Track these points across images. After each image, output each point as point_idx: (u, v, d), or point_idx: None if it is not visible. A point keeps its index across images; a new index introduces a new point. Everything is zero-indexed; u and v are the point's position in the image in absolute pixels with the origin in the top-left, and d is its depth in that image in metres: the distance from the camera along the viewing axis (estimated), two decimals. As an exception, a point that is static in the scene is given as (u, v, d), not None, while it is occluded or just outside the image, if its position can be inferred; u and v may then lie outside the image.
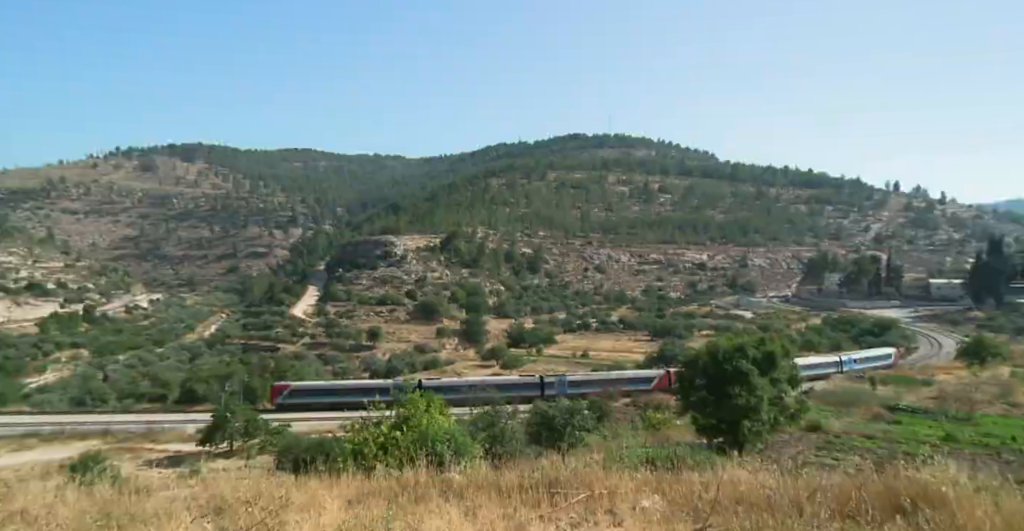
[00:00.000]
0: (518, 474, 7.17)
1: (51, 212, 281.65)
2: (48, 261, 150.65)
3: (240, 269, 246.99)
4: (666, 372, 50.62)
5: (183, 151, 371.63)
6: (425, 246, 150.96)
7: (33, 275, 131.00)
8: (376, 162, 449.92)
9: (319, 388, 47.26)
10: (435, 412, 13.51)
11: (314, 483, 7.40)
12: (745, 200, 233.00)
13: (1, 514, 5.51)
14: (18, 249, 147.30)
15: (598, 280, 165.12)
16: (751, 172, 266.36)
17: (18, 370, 72.53)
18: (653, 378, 50.34)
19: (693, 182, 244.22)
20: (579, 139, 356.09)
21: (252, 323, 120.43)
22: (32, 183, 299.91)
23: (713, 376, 21.27)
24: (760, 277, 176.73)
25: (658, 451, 12.86)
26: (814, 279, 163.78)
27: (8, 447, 34.32)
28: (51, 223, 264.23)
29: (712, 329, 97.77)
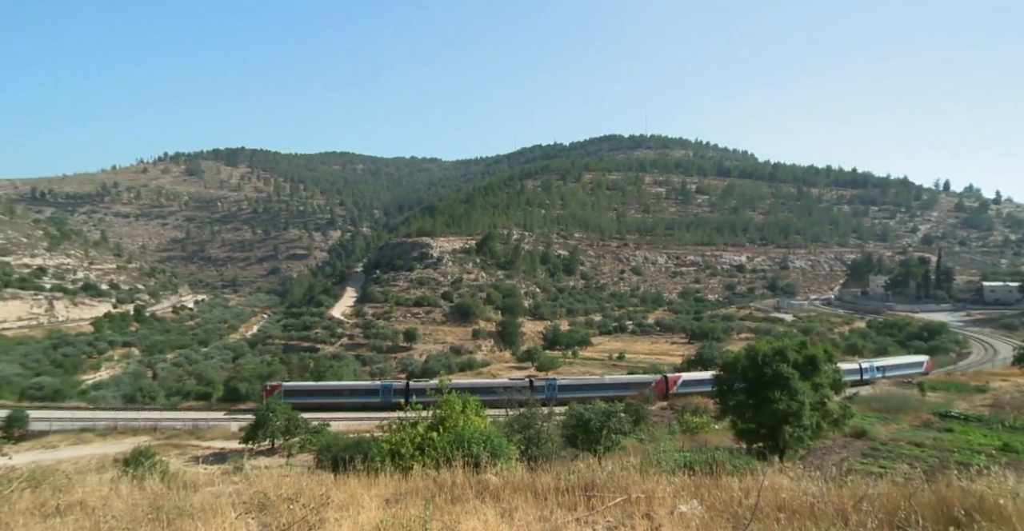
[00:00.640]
0: (554, 476, 7.15)
1: (105, 215, 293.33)
2: (102, 263, 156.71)
3: (281, 271, 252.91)
4: (662, 377, 50.03)
5: (227, 155, 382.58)
6: (461, 248, 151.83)
7: (88, 276, 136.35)
8: (412, 165, 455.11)
9: (310, 388, 48.07)
10: (471, 413, 13.59)
11: (353, 482, 7.51)
12: (786, 201, 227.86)
13: (63, 504, 5.74)
14: (75, 251, 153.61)
15: (634, 282, 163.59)
16: (792, 172, 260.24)
17: (75, 367, 75.68)
18: (649, 383, 49.21)
19: (731, 182, 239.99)
20: (615, 140, 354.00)
21: (292, 324, 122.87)
22: (88, 188, 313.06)
23: (752, 380, 20.82)
24: (801, 279, 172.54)
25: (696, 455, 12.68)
26: (858, 281, 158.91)
27: (68, 441, 35.97)
28: (105, 226, 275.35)
29: (751, 332, 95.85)
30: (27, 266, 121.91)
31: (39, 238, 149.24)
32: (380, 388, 47.75)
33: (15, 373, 60.68)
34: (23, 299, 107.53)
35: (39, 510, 5.54)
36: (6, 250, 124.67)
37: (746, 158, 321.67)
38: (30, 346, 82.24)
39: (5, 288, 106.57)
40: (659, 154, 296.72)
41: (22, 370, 64.55)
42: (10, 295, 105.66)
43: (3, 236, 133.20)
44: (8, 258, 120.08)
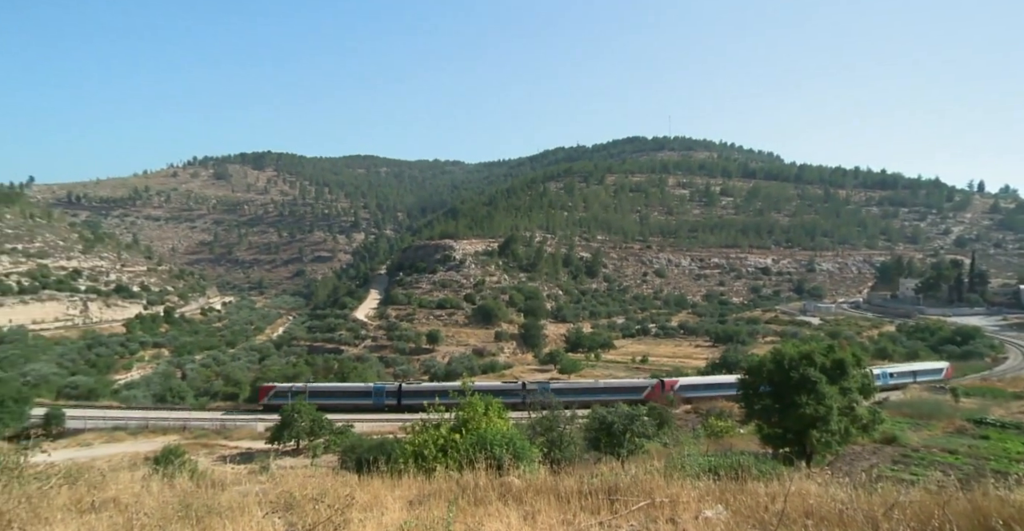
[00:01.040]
0: (577, 479, 7.13)
1: (136, 219, 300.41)
2: (133, 265, 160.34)
3: (306, 273, 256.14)
4: (659, 382, 49.58)
5: (254, 159, 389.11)
6: (483, 250, 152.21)
7: (120, 278, 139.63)
8: (436, 167, 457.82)
9: (302, 390, 48.40)
10: (493, 415, 13.61)
11: (377, 483, 7.57)
12: (812, 202, 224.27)
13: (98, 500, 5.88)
14: (108, 254, 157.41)
15: (658, 284, 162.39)
16: (819, 173, 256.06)
17: (108, 367, 77.59)
18: (644, 387, 48.65)
19: (756, 184, 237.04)
20: (638, 142, 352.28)
21: (317, 325, 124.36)
22: (120, 192, 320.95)
23: (778, 384, 20.52)
24: (828, 282, 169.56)
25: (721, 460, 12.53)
26: (887, 284, 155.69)
27: (101, 439, 36.90)
28: (136, 229, 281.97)
29: (777, 335, 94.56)
30: (63, 268, 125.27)
31: (74, 241, 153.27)
32: (372, 390, 48.11)
33: (52, 372, 62.39)
34: (59, 300, 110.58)
35: (75, 506, 5.69)
36: (44, 253, 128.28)
37: (771, 160, 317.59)
38: (66, 346, 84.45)
39: (43, 290, 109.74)
40: (683, 156, 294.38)
41: (59, 369, 66.33)
42: (47, 296, 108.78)
43: (41, 239, 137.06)
44: (46, 261, 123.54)
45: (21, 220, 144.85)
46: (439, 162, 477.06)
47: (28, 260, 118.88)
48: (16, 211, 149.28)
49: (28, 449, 8.01)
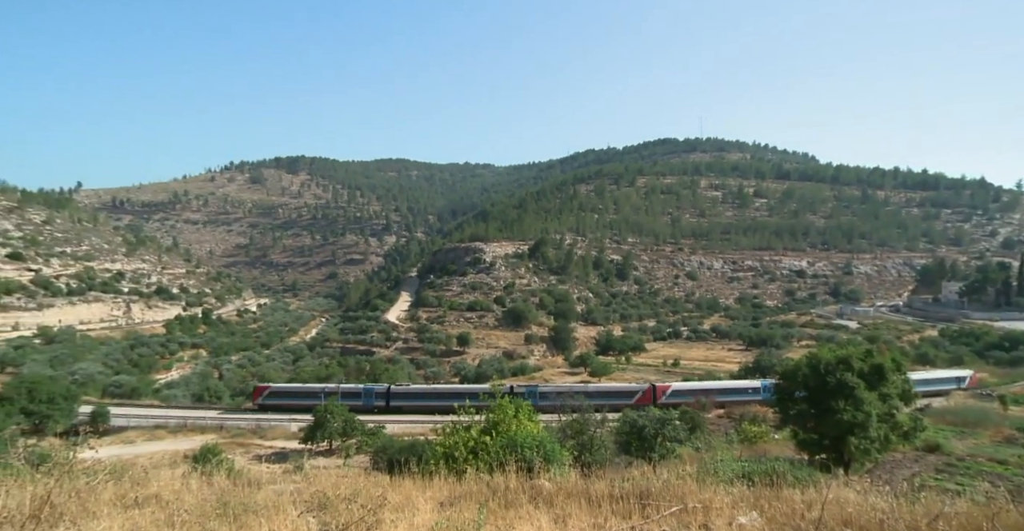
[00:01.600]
0: (608, 483, 7.10)
1: (176, 223, 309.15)
2: (173, 268, 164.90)
3: (338, 275, 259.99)
4: (650, 386, 48.71)
5: (288, 163, 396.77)
6: (514, 253, 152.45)
7: (161, 280, 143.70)
8: (466, 170, 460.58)
9: (294, 390, 49.36)
10: (524, 418, 13.62)
11: (408, 484, 7.64)
12: (849, 204, 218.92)
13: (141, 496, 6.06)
14: (149, 257, 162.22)
15: (689, 287, 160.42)
16: (856, 174, 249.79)
17: (150, 367, 79.88)
18: (636, 392, 47.76)
19: (791, 185, 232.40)
20: (669, 143, 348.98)
21: (349, 327, 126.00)
22: (161, 196, 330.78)
23: (814, 389, 20.07)
24: (866, 285, 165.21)
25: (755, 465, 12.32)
26: (929, 288, 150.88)
27: (143, 436, 38.06)
28: (176, 232, 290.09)
29: (812, 339, 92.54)
30: (108, 271, 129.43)
31: (118, 244, 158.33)
32: (362, 391, 48.63)
33: (98, 371, 64.50)
34: (104, 302, 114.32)
35: (120, 501, 5.87)
36: (90, 256, 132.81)
37: (806, 160, 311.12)
38: (110, 346, 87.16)
39: (89, 291, 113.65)
40: (715, 157, 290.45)
41: (104, 369, 68.52)
42: (93, 298, 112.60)
43: (88, 243, 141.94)
44: (92, 263, 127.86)
45: (70, 224, 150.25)
46: (469, 165, 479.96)
47: (76, 263, 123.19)
48: (65, 215, 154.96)
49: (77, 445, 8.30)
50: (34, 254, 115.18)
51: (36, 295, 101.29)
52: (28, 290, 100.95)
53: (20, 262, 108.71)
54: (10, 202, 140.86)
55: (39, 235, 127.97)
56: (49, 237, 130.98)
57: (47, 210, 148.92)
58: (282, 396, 47.65)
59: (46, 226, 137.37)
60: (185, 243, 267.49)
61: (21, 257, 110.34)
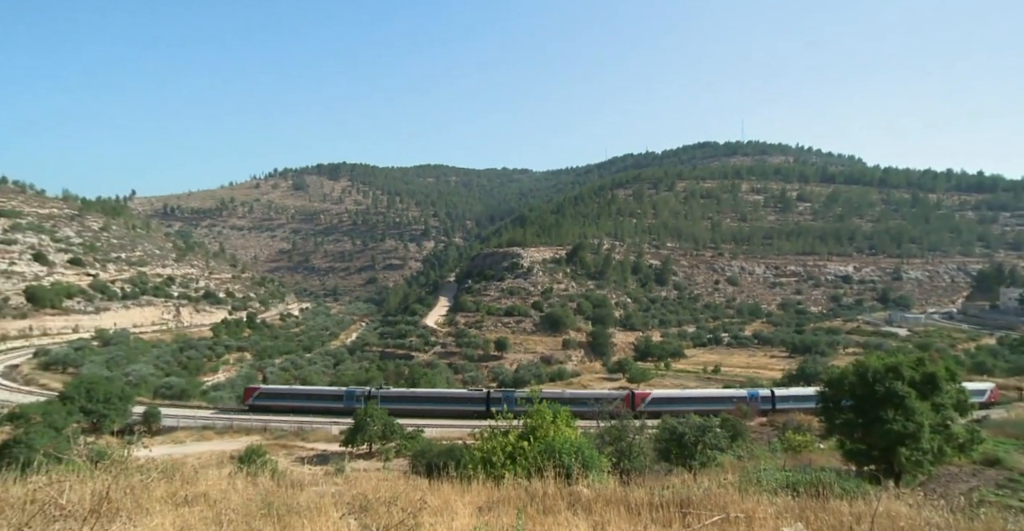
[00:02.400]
0: (647, 491, 7.02)
1: (222, 229, 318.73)
2: (220, 273, 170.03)
3: (378, 280, 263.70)
4: (629, 393, 48.00)
5: (329, 170, 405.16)
6: (551, 258, 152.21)
7: (208, 285, 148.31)
8: (504, 176, 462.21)
9: (282, 392, 50.56)
10: (562, 424, 13.59)
11: (447, 488, 7.69)
12: (898, 207, 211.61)
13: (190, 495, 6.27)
14: (198, 262, 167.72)
15: (730, 293, 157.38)
16: (906, 177, 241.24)
17: (198, 369, 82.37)
18: (614, 399, 46.19)
19: (836, 189, 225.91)
20: (709, 147, 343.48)
21: (388, 332, 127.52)
22: (208, 203, 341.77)
23: (861, 398, 19.41)
24: (917, 291, 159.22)
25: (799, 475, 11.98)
26: (986, 294, 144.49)
27: (192, 437, 39.29)
28: (222, 238, 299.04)
29: (859, 347, 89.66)
30: (159, 275, 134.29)
31: (169, 250, 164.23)
32: (344, 394, 49.24)
33: (150, 373, 66.84)
34: (156, 306, 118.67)
35: (171, 499, 6.07)
36: (143, 261, 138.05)
37: (853, 163, 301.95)
38: (161, 348, 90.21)
39: (142, 295, 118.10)
40: (756, 161, 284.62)
41: (155, 370, 70.98)
42: (146, 302, 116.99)
43: (141, 249, 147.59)
44: (145, 268, 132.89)
45: (125, 231, 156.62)
46: (507, 170, 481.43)
47: (130, 268, 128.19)
48: (121, 222, 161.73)
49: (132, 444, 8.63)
50: (92, 259, 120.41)
51: (94, 299, 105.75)
52: (87, 294, 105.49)
53: (80, 267, 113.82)
54: (72, 210, 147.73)
55: (97, 241, 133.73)
56: (106, 243, 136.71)
57: (104, 217, 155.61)
58: (271, 397, 49.05)
59: (103, 233, 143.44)
60: (231, 249, 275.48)
61: (81, 262, 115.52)
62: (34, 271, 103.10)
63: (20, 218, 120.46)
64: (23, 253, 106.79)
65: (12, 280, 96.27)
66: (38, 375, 65.50)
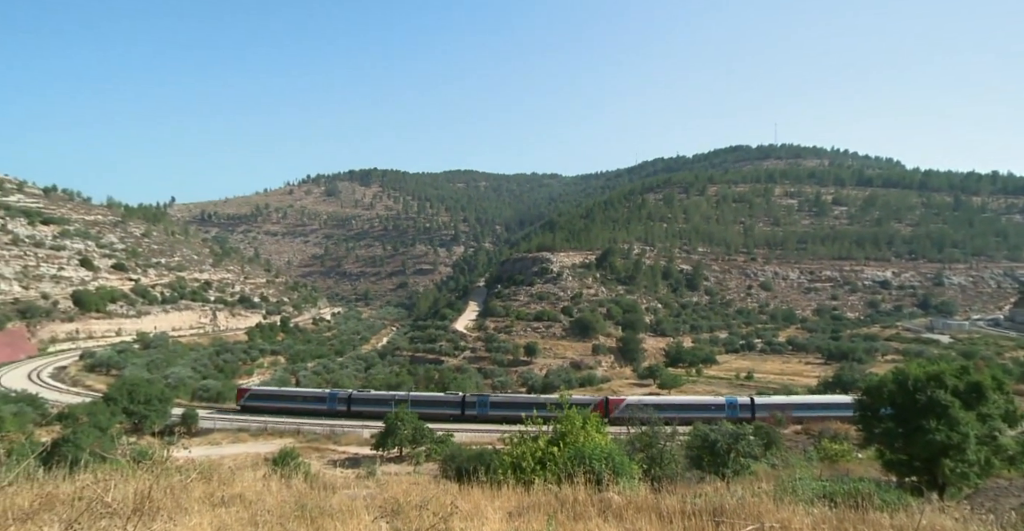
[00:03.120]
0: (679, 499, 6.94)
1: (257, 234, 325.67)
2: (254, 277, 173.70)
3: (408, 285, 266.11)
4: (603, 399, 47.31)
5: (361, 176, 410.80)
6: (581, 263, 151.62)
7: (243, 290, 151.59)
8: (533, 180, 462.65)
9: (271, 393, 52.16)
10: (591, 430, 13.52)
11: (477, 493, 7.70)
12: (940, 211, 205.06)
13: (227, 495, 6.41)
14: (233, 267, 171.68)
15: (763, 298, 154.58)
16: (948, 179, 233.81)
17: (233, 372, 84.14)
18: (588, 404, 45.89)
19: (873, 192, 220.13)
20: (741, 151, 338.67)
21: (418, 336, 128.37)
22: (244, 210, 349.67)
23: (901, 406, 18.86)
24: (960, 297, 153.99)
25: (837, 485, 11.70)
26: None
27: (228, 439, 40.16)
28: (257, 244, 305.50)
29: (898, 354, 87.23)
30: (197, 280, 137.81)
31: (206, 255, 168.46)
32: (327, 396, 50.53)
33: (188, 376, 68.57)
34: (193, 310, 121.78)
35: (208, 499, 6.21)
36: (182, 266, 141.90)
37: (891, 166, 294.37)
38: (198, 352, 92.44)
39: (180, 300, 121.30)
40: (790, 164, 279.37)
41: (192, 373, 72.76)
42: (184, 306, 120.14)
43: (179, 254, 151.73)
44: (183, 273, 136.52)
45: (165, 236, 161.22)
46: (536, 175, 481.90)
47: (169, 273, 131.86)
48: (161, 228, 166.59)
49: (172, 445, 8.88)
50: (134, 265, 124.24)
51: (136, 303, 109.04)
52: (129, 298, 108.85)
53: (123, 272, 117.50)
54: (116, 217, 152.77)
55: (138, 247, 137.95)
56: (147, 249, 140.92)
57: (146, 224, 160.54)
58: (261, 398, 50.42)
59: (144, 239, 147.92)
60: (265, 254, 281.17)
61: (124, 267, 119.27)
62: (80, 276, 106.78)
63: (68, 225, 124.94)
64: (71, 259, 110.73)
65: (60, 285, 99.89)
66: (84, 376, 67.88)
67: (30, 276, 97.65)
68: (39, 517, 4.83)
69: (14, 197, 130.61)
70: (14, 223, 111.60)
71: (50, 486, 5.84)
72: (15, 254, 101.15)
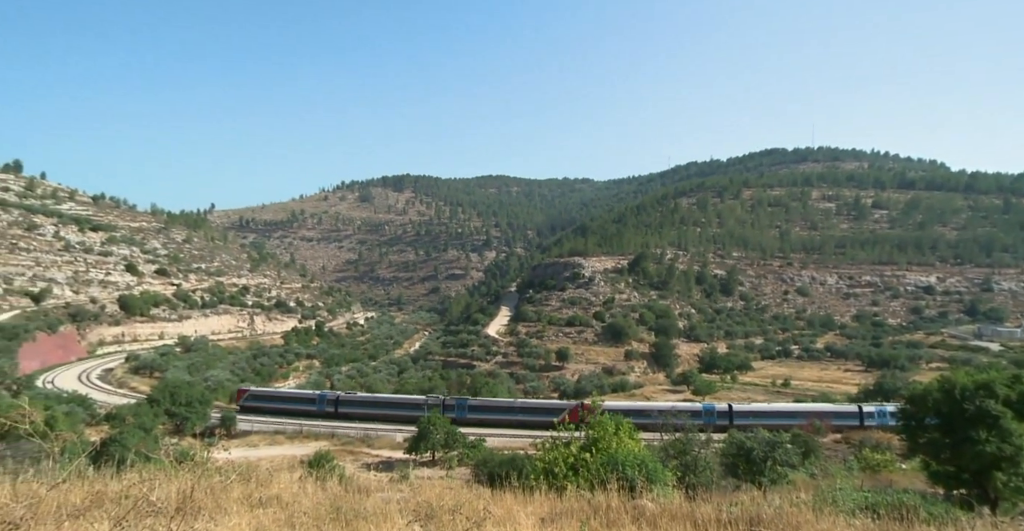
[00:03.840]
0: (714, 507, 6.84)
1: (293, 240, 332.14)
2: (290, 282, 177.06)
3: (440, 290, 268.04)
4: (578, 405, 46.91)
5: (394, 182, 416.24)
6: (613, 268, 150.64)
7: (280, 294, 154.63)
8: (565, 185, 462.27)
9: (268, 394, 53.73)
10: (624, 436, 13.41)
11: (509, 498, 7.70)
12: (988, 214, 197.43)
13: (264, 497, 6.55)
14: (270, 272, 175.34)
15: (800, 304, 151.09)
16: (995, 181, 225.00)
17: (270, 375, 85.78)
18: (563, 409, 46.65)
19: (916, 195, 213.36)
20: (777, 154, 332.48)
21: (450, 341, 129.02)
22: (280, 216, 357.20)
23: (948, 416, 18.22)
24: (1011, 303, 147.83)
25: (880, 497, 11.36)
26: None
27: (265, 441, 40.95)
28: (293, 249, 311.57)
29: (944, 362, 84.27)
30: (235, 285, 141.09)
31: (244, 261, 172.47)
32: (317, 397, 52.17)
33: (227, 378, 70.15)
34: (232, 314, 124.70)
35: (247, 500, 6.34)
36: (221, 271, 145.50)
37: (935, 168, 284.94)
38: (236, 355, 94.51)
39: (219, 304, 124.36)
40: (828, 167, 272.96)
41: (231, 376, 74.40)
42: (223, 310, 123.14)
43: (219, 260, 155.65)
44: (222, 278, 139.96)
45: (205, 242, 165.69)
46: (568, 180, 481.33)
47: (209, 278, 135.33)
48: (201, 234, 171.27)
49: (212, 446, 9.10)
50: (176, 270, 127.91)
51: (177, 307, 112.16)
52: (171, 302, 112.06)
53: (165, 277, 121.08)
54: (159, 223, 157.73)
55: (180, 252, 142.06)
56: (188, 254, 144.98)
57: (187, 230, 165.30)
58: (259, 399, 51.65)
59: (186, 244, 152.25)
60: (301, 259, 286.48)
61: (166, 273, 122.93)
62: (126, 281, 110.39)
63: (115, 231, 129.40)
64: (117, 264, 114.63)
65: (108, 289, 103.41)
66: (129, 378, 70.06)
67: (80, 281, 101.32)
68: (90, 514, 5.01)
69: (66, 205, 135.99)
70: (66, 230, 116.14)
71: (99, 484, 6.04)
72: (67, 260, 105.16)
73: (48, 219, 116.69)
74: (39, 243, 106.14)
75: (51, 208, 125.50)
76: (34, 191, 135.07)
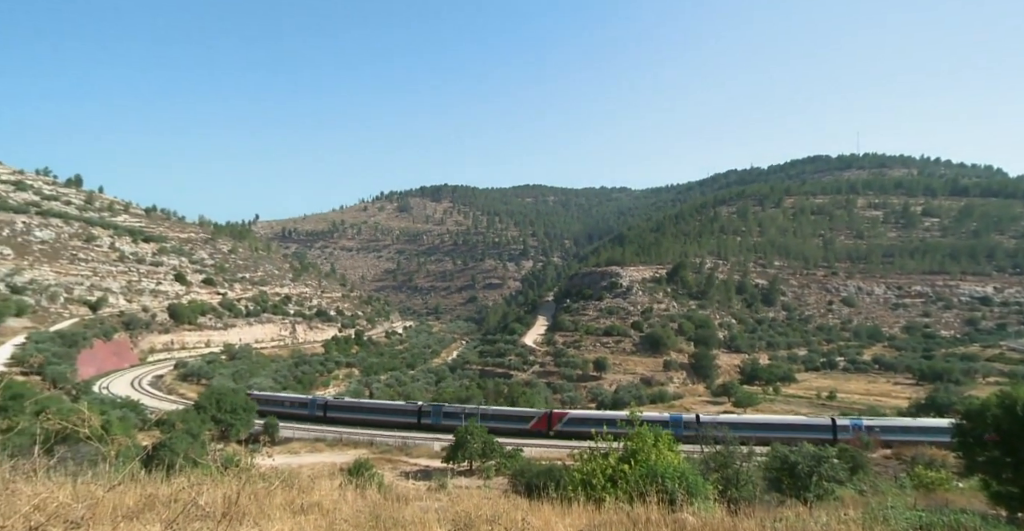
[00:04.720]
0: (758, 522, 6.67)
1: (333, 250, 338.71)
2: (331, 292, 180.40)
3: (478, 299, 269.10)
4: (547, 413, 47.75)
5: (431, 192, 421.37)
6: (651, 277, 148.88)
7: (320, 304, 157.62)
8: (602, 194, 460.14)
9: (265, 398, 54.93)
10: (663, 448, 13.20)
11: (547, 509, 7.64)
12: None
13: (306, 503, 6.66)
14: (311, 282, 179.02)
15: (845, 314, 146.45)
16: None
17: (311, 383, 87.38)
18: (532, 417, 47.60)
19: (970, 202, 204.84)
20: (820, 161, 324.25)
21: (488, 350, 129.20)
22: (321, 226, 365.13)
23: (1009, 433, 17.38)
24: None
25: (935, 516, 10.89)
26: None
27: (306, 448, 41.66)
28: (333, 259, 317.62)
29: (1003, 376, 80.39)
30: (277, 294, 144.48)
31: (286, 270, 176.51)
32: (309, 402, 54.34)
33: (269, 386, 71.76)
34: (275, 323, 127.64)
35: (289, 506, 6.45)
36: (264, 280, 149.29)
37: (990, 174, 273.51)
38: (279, 363, 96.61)
39: (263, 313, 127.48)
40: (874, 174, 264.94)
41: (273, 383, 76.07)
42: (266, 319, 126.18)
43: (262, 269, 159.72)
44: (265, 287, 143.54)
45: (249, 252, 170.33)
46: (605, 189, 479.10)
47: (253, 287, 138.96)
48: (245, 245, 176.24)
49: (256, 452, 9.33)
50: (222, 279, 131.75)
51: (223, 316, 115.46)
52: (217, 311, 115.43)
53: (212, 287, 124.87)
54: (206, 234, 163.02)
55: (225, 262, 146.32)
56: (233, 264, 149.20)
57: (232, 241, 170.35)
58: (261, 402, 52.34)
59: (231, 255, 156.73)
60: (341, 269, 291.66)
61: (213, 282, 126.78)
62: (175, 290, 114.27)
63: (165, 242, 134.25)
64: (167, 274, 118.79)
65: (158, 298, 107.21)
66: (178, 385, 72.36)
67: (133, 290, 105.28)
68: (143, 516, 5.19)
69: (121, 217, 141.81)
70: (120, 241, 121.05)
71: (151, 487, 6.25)
72: (121, 270, 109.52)
73: (105, 231, 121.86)
74: (96, 254, 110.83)
75: (107, 220, 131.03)
76: (92, 204, 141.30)
